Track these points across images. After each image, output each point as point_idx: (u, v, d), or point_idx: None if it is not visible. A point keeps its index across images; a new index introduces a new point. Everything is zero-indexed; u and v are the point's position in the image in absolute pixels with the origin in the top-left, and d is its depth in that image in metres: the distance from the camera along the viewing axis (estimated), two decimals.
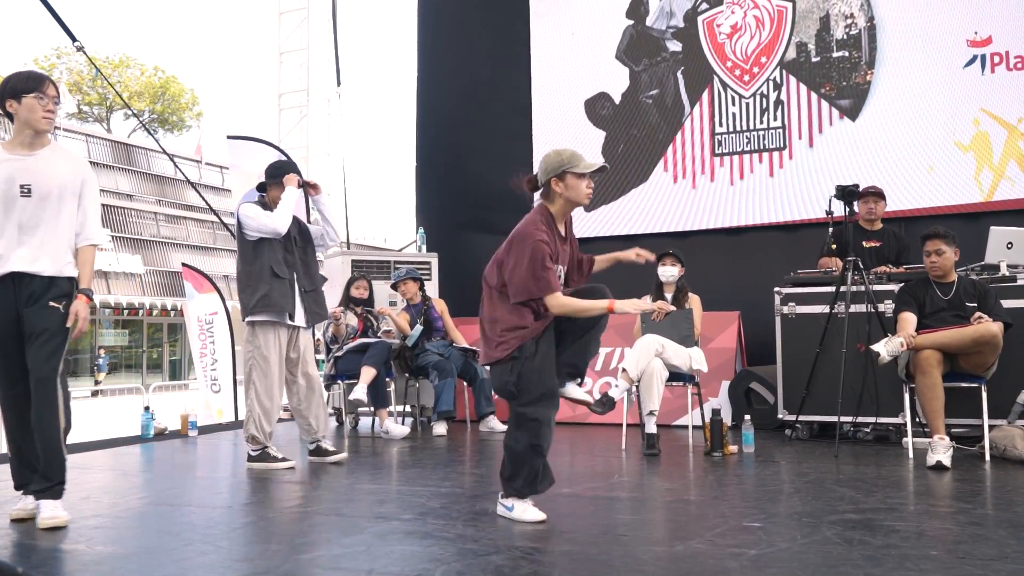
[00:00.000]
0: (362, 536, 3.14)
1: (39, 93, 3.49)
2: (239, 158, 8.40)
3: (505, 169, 8.43)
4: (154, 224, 31.88)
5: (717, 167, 7.67)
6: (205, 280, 8.07)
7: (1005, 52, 6.77)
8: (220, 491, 4.28)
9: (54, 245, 3.51)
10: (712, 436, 4.99)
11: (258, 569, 2.76)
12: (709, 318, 6.12)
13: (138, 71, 40.36)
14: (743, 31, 7.65)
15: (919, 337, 4.65)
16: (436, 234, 8.31)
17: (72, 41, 7.94)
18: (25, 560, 2.91)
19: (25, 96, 3.48)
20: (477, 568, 2.69)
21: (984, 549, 2.82)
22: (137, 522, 3.47)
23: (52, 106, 3.53)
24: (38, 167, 3.52)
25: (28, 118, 3.49)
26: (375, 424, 6.43)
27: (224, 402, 7.83)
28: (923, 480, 4.13)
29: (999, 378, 4.75)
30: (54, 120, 3.60)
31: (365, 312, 6.72)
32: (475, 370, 6.56)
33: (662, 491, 4.02)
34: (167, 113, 41.21)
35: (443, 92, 8.93)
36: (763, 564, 2.68)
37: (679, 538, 3.08)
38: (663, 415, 5.44)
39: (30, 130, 3.51)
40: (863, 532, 3.06)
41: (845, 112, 7.26)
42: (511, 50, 8.53)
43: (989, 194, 6.76)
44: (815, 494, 3.79)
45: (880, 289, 5.36)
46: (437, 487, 4.13)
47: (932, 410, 4.55)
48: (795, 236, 7.19)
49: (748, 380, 6.20)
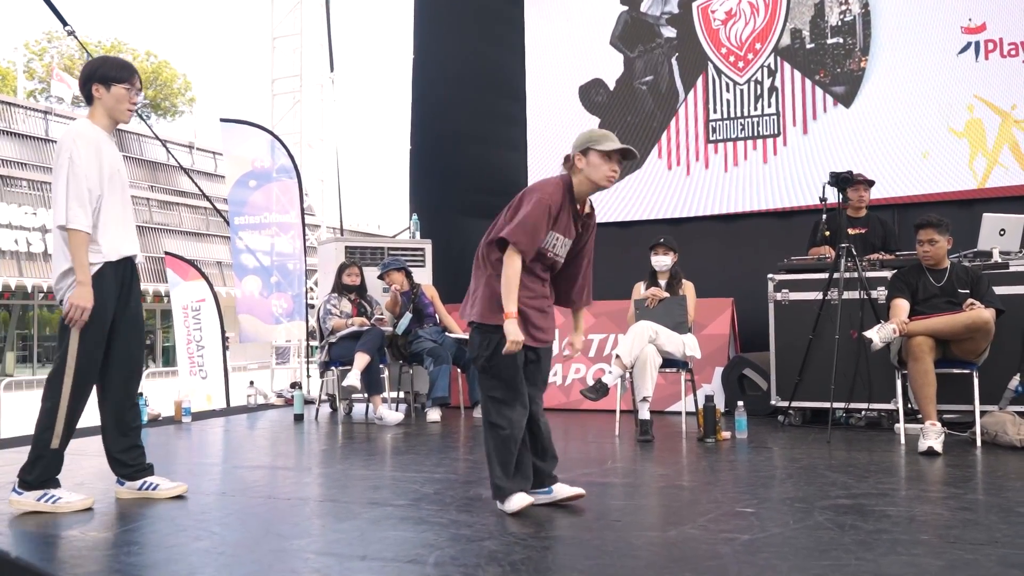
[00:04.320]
0: (356, 522, 3.15)
1: (130, 84, 3.51)
2: (232, 142, 8.38)
3: (499, 155, 8.54)
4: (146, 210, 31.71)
5: (711, 154, 7.66)
6: (190, 267, 8.06)
7: (999, 39, 6.77)
8: (213, 477, 4.28)
9: (134, 231, 3.62)
10: (705, 422, 5.00)
11: (251, 555, 2.76)
12: (702, 305, 6.12)
13: (130, 56, 40.10)
14: (738, 17, 7.63)
15: (911, 323, 4.66)
16: (430, 220, 8.29)
17: (63, 25, 7.89)
18: (19, 547, 2.91)
19: (116, 85, 3.48)
20: (471, 553, 2.70)
21: (975, 534, 2.83)
22: (131, 508, 3.46)
23: (136, 99, 3.54)
24: (117, 154, 3.59)
25: (114, 107, 3.50)
26: (369, 410, 6.44)
27: (213, 388, 7.82)
28: (915, 466, 4.15)
29: (990, 364, 4.77)
30: (134, 113, 3.63)
31: (359, 299, 6.71)
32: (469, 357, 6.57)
33: (655, 477, 4.03)
34: (159, 98, 40.98)
35: (437, 77, 8.89)
36: (756, 549, 2.69)
37: (672, 523, 3.09)
38: (656, 401, 5.45)
39: (110, 119, 3.53)
40: (855, 517, 3.08)
41: (839, 99, 7.26)
42: (505, 36, 8.50)
43: (983, 181, 6.77)
44: (807, 480, 3.81)
45: (873, 276, 5.37)
46: (431, 473, 4.14)
47: (924, 396, 4.56)
48: (789, 223, 7.19)
49: (741, 366, 6.22)
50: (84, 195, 3.35)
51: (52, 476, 3.43)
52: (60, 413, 3.36)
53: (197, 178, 14.27)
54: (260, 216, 8.30)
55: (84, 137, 3.40)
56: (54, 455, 3.40)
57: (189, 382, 7.91)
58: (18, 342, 28.50)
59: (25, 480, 3.39)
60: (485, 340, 3.26)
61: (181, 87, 41.72)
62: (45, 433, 3.36)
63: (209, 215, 32.00)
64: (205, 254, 30.35)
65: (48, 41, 37.03)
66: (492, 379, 3.27)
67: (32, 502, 3.37)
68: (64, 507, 3.37)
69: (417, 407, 6.94)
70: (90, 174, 3.38)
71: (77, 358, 3.37)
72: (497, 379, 3.25)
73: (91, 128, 3.47)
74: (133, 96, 3.51)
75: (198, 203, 31.81)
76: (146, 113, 39.58)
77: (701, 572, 2.48)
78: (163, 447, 5.28)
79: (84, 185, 3.35)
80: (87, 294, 3.35)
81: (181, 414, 6.47)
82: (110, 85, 3.47)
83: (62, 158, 3.36)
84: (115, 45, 39.63)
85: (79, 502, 3.40)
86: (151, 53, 40.61)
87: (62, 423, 3.36)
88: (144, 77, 39.43)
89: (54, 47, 37.30)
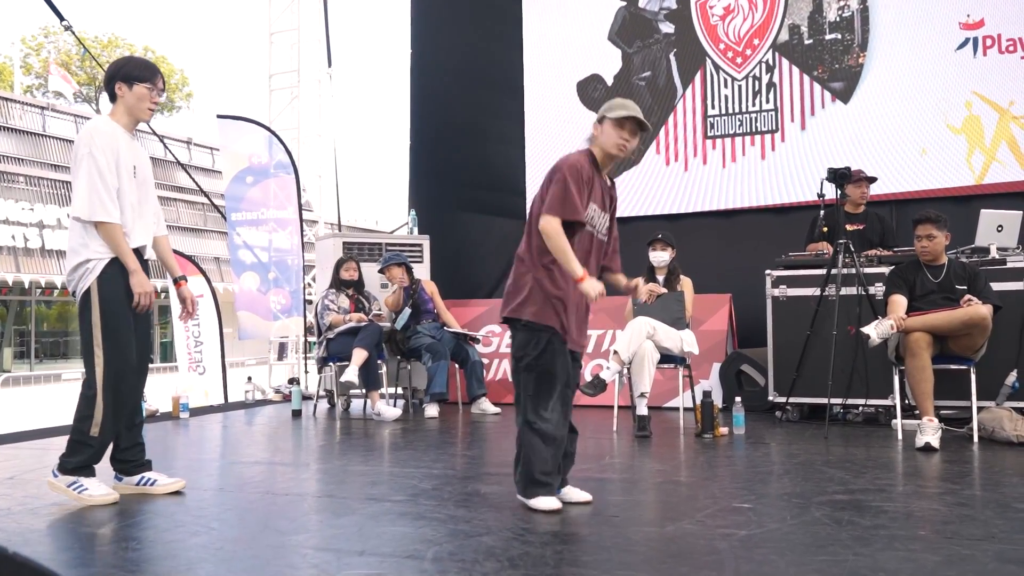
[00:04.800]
0: (354, 517, 3.15)
1: (151, 84, 3.58)
2: (229, 138, 8.36)
3: (497, 151, 8.53)
4: None
5: (709, 150, 7.66)
6: (189, 263, 8.04)
7: (997, 35, 6.76)
8: (211, 473, 4.28)
9: (149, 228, 3.67)
10: (703, 418, 5.01)
11: (249, 550, 2.76)
12: (700, 300, 6.12)
13: (127, 51, 40.01)
14: (736, 13, 7.62)
15: (909, 320, 4.66)
16: (428, 215, 8.29)
17: (60, 21, 7.87)
18: (16, 542, 2.91)
19: (138, 84, 3.55)
20: (468, 549, 2.70)
21: (972, 529, 2.84)
22: (129, 504, 3.46)
23: (158, 98, 3.61)
24: (138, 151, 3.64)
25: (135, 106, 3.57)
26: (367, 406, 6.44)
27: (211, 384, 7.82)
28: (912, 461, 4.16)
29: (987, 360, 4.78)
30: (156, 112, 3.72)
31: (357, 294, 6.71)
32: (467, 352, 6.57)
33: (653, 472, 4.04)
34: None
35: (436, 73, 8.88)
36: (753, 544, 2.70)
37: (670, 519, 3.09)
38: (654, 397, 5.46)
39: (131, 117, 3.59)
40: (852, 513, 3.08)
41: (837, 95, 7.25)
42: (504, 31, 8.49)
43: (980, 177, 6.77)
44: (805, 475, 3.81)
45: (871, 272, 5.38)
46: (429, 469, 4.14)
47: (921, 392, 4.57)
48: (787, 219, 7.19)
49: (739, 362, 6.22)
50: (109, 187, 3.43)
51: (90, 464, 3.49)
52: (97, 402, 3.42)
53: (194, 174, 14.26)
54: (258, 212, 8.29)
55: (101, 132, 3.48)
56: (96, 443, 3.46)
57: (188, 378, 7.90)
58: (15, 338, 28.47)
59: (65, 464, 3.47)
60: (534, 339, 3.22)
61: (178, 82, 41.60)
62: (83, 422, 3.44)
63: (206, 211, 31.96)
64: (202, 250, 30.29)
65: (45, 36, 36.91)
66: (536, 378, 3.23)
67: (63, 488, 3.45)
68: (87, 499, 3.41)
69: (415, 403, 6.94)
70: (108, 168, 3.44)
71: (104, 348, 3.43)
72: (541, 378, 3.22)
73: (108, 124, 3.54)
74: (155, 96, 3.59)
75: (195, 199, 31.77)
76: None
77: (698, 568, 2.49)
78: (161, 443, 5.27)
79: (107, 178, 3.42)
80: (142, 279, 3.49)
81: (179, 410, 6.47)
82: (132, 84, 3.54)
83: (81, 152, 3.43)
84: (112, 40, 39.51)
85: (101, 497, 3.44)
86: (148, 48, 40.48)
87: (100, 411, 3.42)
88: None
89: (51, 42, 37.18)
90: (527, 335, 3.25)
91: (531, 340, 3.23)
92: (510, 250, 8.30)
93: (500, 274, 8.30)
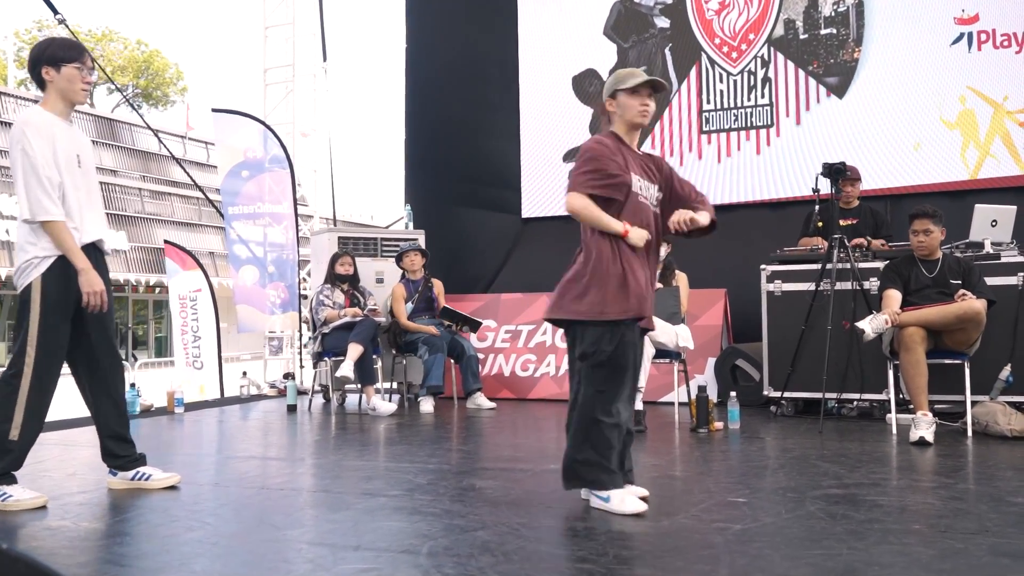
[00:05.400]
0: (349, 512, 3.15)
1: (80, 63, 3.38)
2: (224, 132, 8.34)
3: (493, 145, 8.51)
4: (139, 200, 31.59)
5: (704, 144, 7.66)
6: (188, 257, 8.02)
7: (992, 30, 6.78)
8: (206, 468, 4.28)
9: (102, 218, 3.52)
10: (698, 413, 5.01)
11: (245, 545, 2.76)
12: (696, 295, 6.13)
13: (121, 45, 39.85)
14: (731, 8, 7.62)
15: (903, 314, 4.67)
16: (424, 210, 8.28)
17: (54, 14, 7.83)
18: (10, 537, 2.90)
19: (65, 65, 3.36)
20: (464, 544, 2.70)
21: (965, 523, 2.85)
22: (123, 499, 3.46)
23: (90, 77, 3.42)
24: (79, 137, 3.47)
25: (67, 89, 3.38)
26: (362, 401, 6.43)
27: (207, 378, 7.80)
28: (906, 455, 4.17)
29: (981, 355, 4.80)
30: (90, 92, 3.52)
31: (352, 289, 6.70)
32: (462, 347, 6.56)
33: (648, 467, 4.04)
34: (151, 88, 40.75)
35: (431, 67, 8.86)
36: (748, 539, 2.71)
37: (665, 513, 3.10)
38: (649, 392, 5.46)
39: (66, 102, 3.41)
40: (846, 507, 3.09)
41: (832, 90, 7.26)
42: (499, 25, 8.48)
43: (975, 172, 6.78)
44: (799, 470, 3.82)
45: (865, 266, 5.38)
46: (424, 463, 4.14)
47: (916, 386, 4.58)
48: (782, 214, 7.20)
49: (734, 357, 6.23)
50: (45, 184, 3.26)
51: (9, 471, 3.29)
52: (19, 403, 3.25)
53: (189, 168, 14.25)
54: (253, 206, 8.27)
55: (32, 125, 3.28)
56: (17, 448, 3.28)
57: (185, 373, 7.89)
58: (8, 332, 28.40)
59: None
60: (607, 334, 3.12)
61: (173, 76, 41.48)
62: (2, 425, 3.24)
63: (202, 205, 31.91)
64: (198, 244, 30.22)
65: (39, 30, 36.72)
66: (608, 374, 3.14)
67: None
68: (13, 506, 3.22)
69: (410, 398, 6.94)
70: (46, 162, 3.27)
71: (36, 347, 3.29)
72: (614, 374, 3.15)
73: (40, 115, 3.34)
74: (86, 75, 3.39)
75: (191, 193, 31.71)
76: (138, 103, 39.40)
77: (693, 562, 2.49)
78: (156, 438, 5.27)
79: (43, 174, 3.26)
80: (92, 277, 3.33)
81: (174, 405, 6.46)
82: (60, 66, 3.35)
83: (15, 152, 3.27)
84: (106, 34, 39.39)
85: (30, 501, 3.26)
86: (142, 42, 40.36)
87: (21, 414, 3.25)
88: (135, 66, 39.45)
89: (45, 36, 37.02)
90: (596, 331, 3.14)
91: (603, 335, 3.13)
92: (506, 244, 8.39)
93: (496, 268, 8.30)
